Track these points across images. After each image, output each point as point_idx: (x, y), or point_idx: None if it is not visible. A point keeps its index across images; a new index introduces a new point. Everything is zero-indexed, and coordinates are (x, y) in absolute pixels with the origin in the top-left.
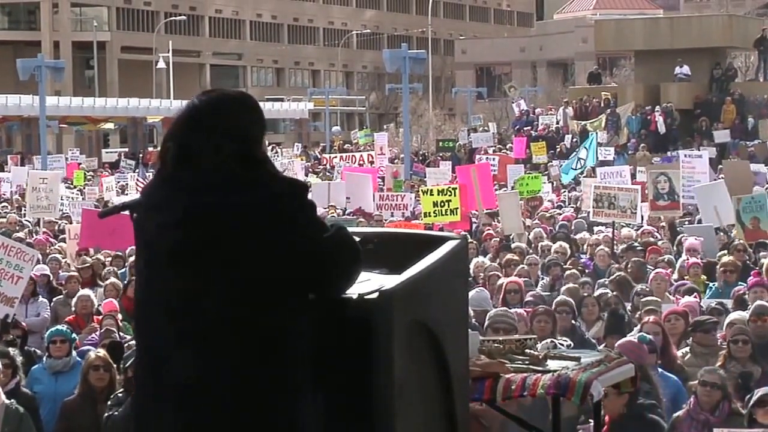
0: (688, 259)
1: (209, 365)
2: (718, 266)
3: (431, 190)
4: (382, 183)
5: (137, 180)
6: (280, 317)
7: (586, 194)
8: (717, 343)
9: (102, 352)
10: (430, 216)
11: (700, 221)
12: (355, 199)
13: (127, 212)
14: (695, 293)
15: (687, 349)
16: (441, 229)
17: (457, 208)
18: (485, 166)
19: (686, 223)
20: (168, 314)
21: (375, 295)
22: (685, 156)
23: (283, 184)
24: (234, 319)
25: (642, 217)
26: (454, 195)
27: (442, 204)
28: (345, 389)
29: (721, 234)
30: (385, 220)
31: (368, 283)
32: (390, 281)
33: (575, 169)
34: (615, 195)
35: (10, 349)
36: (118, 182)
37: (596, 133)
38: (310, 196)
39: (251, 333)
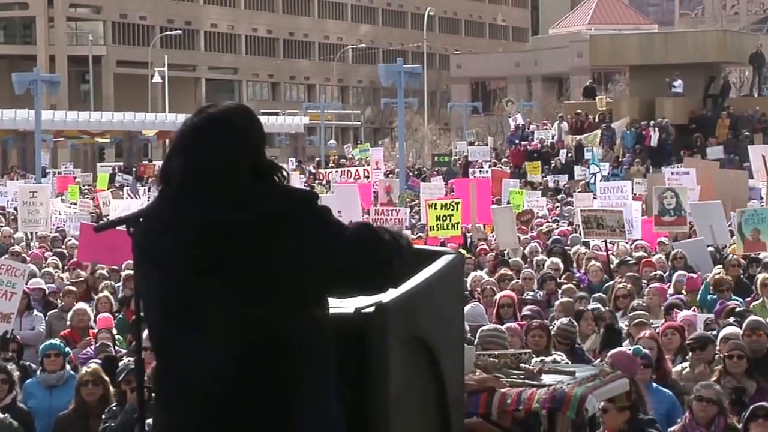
0: (688, 275)
1: (226, 371)
2: (710, 281)
3: (435, 204)
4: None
5: (128, 193)
6: (296, 325)
7: None
8: (715, 359)
9: (93, 367)
10: (434, 230)
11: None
12: (345, 212)
13: (123, 227)
14: (675, 309)
15: (686, 363)
16: (442, 243)
17: (458, 223)
18: (485, 181)
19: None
20: (187, 326)
21: (371, 309)
22: (672, 173)
23: (295, 197)
24: (250, 326)
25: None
26: (456, 210)
27: (444, 218)
28: (341, 403)
29: (714, 252)
30: None
31: (364, 297)
32: (386, 295)
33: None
34: (601, 216)
35: (8, 365)
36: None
37: (593, 148)
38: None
39: (265, 339)
